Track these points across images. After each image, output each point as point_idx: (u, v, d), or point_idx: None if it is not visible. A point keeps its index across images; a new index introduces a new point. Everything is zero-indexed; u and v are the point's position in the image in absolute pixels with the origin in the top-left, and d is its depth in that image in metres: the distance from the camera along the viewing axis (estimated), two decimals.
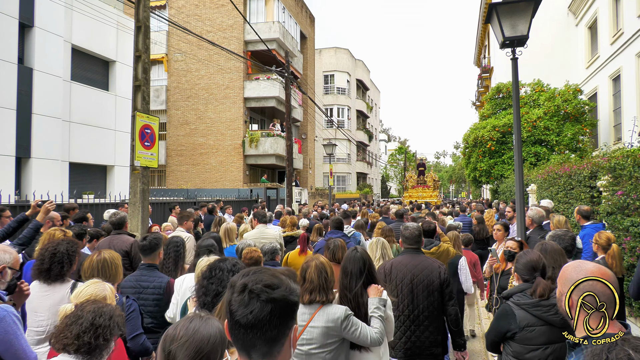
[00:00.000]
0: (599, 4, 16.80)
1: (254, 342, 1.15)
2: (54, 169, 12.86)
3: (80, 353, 1.80)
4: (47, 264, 2.96)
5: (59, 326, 1.89)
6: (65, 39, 13.37)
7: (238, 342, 1.17)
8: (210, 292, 2.31)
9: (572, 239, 3.54)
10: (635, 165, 5.11)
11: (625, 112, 14.25)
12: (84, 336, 1.81)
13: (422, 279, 3.45)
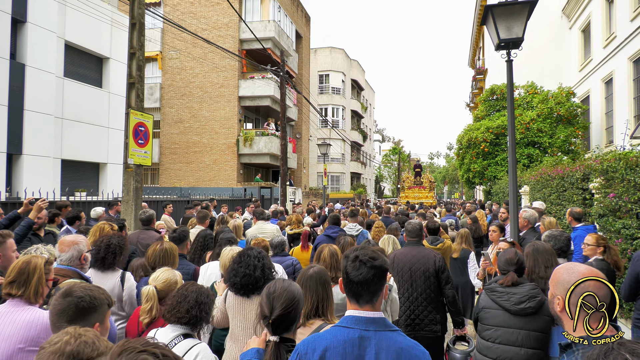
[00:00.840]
0: (593, 8, 16.93)
1: (361, 293, 1.76)
2: (46, 166, 12.75)
3: (189, 324, 2.28)
4: (102, 253, 3.37)
5: (171, 303, 2.34)
6: (59, 35, 13.26)
7: (350, 292, 1.80)
8: (239, 274, 2.75)
9: (567, 240, 3.60)
10: (627, 168, 5.15)
11: (617, 115, 14.38)
12: (192, 311, 2.28)
13: (419, 266, 4.03)
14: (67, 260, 3.02)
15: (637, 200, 4.92)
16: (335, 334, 1.74)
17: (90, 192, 11.29)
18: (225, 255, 3.44)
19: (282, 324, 1.97)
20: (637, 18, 12.63)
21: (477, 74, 30.50)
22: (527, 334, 2.72)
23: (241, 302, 2.73)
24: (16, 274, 2.34)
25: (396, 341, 1.70)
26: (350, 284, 1.78)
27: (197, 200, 13.23)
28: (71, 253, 3.04)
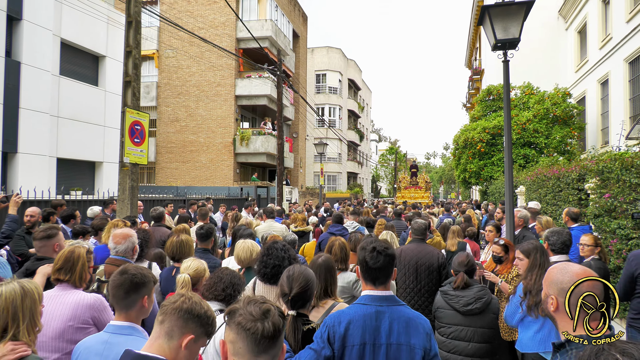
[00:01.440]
0: (589, 9, 17.00)
1: (378, 277, 2.19)
2: (41, 164, 12.68)
3: (224, 301, 2.71)
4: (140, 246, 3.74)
5: (209, 283, 2.80)
6: (55, 33, 13.18)
7: (368, 277, 2.21)
8: (269, 265, 3.05)
9: (569, 235, 3.62)
10: (622, 169, 5.18)
11: (613, 116, 14.44)
12: (227, 290, 2.72)
13: (425, 261, 4.50)
14: (122, 252, 3.39)
15: (632, 200, 4.95)
16: (357, 309, 2.16)
17: (85, 190, 11.23)
18: (239, 247, 3.78)
19: (299, 300, 2.34)
20: (632, 19, 12.69)
21: (474, 74, 30.57)
22: (474, 330, 3.20)
23: (269, 290, 3.05)
24: (63, 261, 2.69)
25: (405, 313, 2.16)
26: (369, 270, 2.19)
27: (193, 199, 13.19)
28: (126, 245, 3.41)
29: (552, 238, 3.59)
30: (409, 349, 2.09)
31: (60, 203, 6.58)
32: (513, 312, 3.35)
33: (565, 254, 3.58)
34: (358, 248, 2.34)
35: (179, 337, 1.61)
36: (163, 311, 1.65)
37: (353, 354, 2.08)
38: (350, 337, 2.10)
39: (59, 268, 2.68)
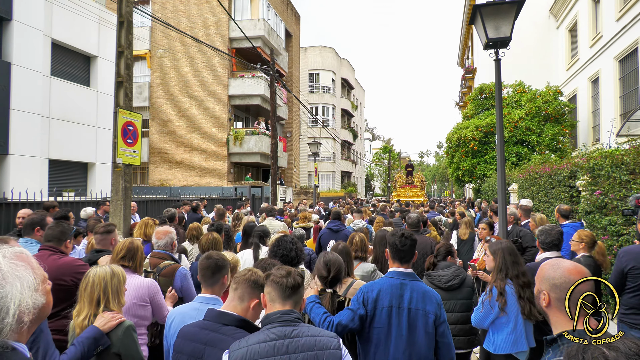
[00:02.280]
0: (579, 8, 17.14)
1: (404, 256, 2.75)
2: (33, 166, 12.57)
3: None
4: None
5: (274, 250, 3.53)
6: (45, 33, 13.07)
7: (397, 256, 2.77)
8: (277, 254, 3.48)
9: (559, 234, 3.68)
10: (612, 166, 5.23)
11: (604, 113, 14.58)
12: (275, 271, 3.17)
13: (419, 249, 4.89)
14: (163, 246, 3.93)
15: (622, 197, 5.00)
16: (386, 281, 2.75)
17: (78, 192, 11.15)
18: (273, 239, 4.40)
19: (334, 281, 2.99)
20: (622, 18, 12.81)
21: (466, 72, 30.72)
22: (455, 302, 3.81)
23: None
24: (125, 251, 3.18)
25: (422, 286, 2.74)
26: (397, 251, 2.77)
27: (186, 199, 13.15)
28: (166, 240, 3.96)
29: (541, 237, 3.71)
30: (424, 313, 2.66)
31: (52, 204, 6.53)
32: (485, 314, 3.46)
33: (555, 252, 3.62)
34: (388, 235, 2.94)
35: (248, 300, 2.17)
36: (236, 281, 2.20)
37: (383, 314, 2.64)
38: (380, 300, 2.67)
39: (123, 256, 3.17)
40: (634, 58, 12.44)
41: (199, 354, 2.08)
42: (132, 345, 2.51)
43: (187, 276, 3.71)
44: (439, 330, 2.69)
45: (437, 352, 2.71)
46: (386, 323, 2.63)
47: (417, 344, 2.62)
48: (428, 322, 2.64)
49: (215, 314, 2.14)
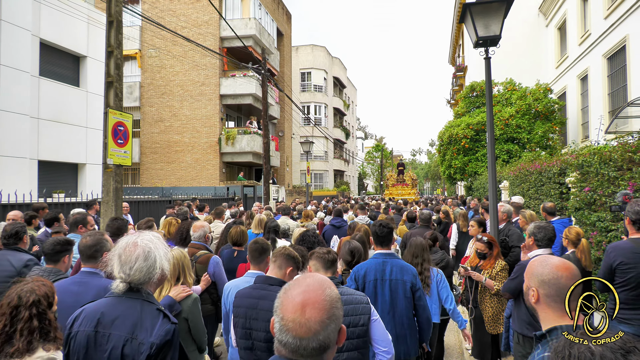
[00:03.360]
0: (568, 6, 17.29)
1: (383, 241, 3.62)
2: (22, 167, 12.44)
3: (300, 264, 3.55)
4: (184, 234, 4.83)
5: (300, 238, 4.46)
6: (33, 33, 12.92)
7: (378, 241, 3.63)
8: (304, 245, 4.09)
9: (553, 230, 3.75)
10: (601, 163, 5.29)
11: (592, 110, 14.73)
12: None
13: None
14: (197, 238, 4.67)
15: (610, 193, 5.06)
16: (371, 261, 3.57)
17: (68, 193, 11.05)
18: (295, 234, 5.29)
19: (356, 263, 3.73)
20: (610, 16, 12.95)
21: (457, 71, 30.88)
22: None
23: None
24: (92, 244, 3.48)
25: (400, 262, 3.56)
26: (379, 237, 3.64)
27: (179, 200, 13.09)
28: (200, 233, 4.67)
29: (539, 234, 3.68)
30: (403, 282, 3.44)
31: (42, 206, 6.48)
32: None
33: (547, 248, 3.65)
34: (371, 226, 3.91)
35: (284, 268, 2.90)
36: (275, 255, 2.96)
37: (370, 285, 3.45)
38: (367, 276, 3.47)
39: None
40: (622, 55, 12.58)
41: (254, 305, 2.75)
42: (197, 313, 3.20)
43: (219, 264, 4.40)
44: (415, 295, 3.45)
45: (416, 313, 3.49)
46: (372, 292, 3.43)
47: (398, 305, 3.43)
48: (406, 288, 3.43)
49: (264, 278, 2.93)
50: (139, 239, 2.12)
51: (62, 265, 3.30)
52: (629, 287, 3.41)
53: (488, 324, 4.47)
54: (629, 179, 4.70)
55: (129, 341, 1.97)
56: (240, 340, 2.75)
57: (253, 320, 2.70)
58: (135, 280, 2.05)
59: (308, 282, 1.30)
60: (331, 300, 1.25)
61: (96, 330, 2.01)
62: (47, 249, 3.27)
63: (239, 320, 2.77)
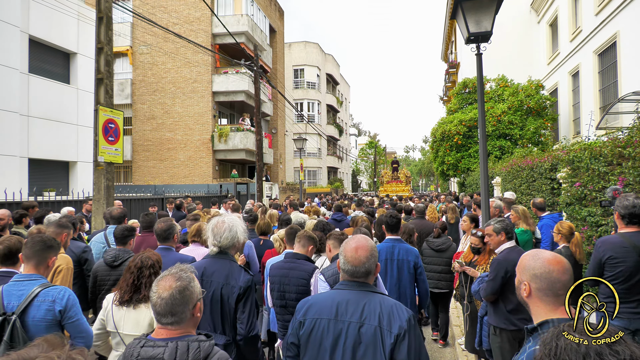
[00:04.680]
0: (559, 2, 17.38)
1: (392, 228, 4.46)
2: (12, 165, 12.31)
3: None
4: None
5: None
6: (22, 30, 12.76)
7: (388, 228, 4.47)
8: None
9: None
10: (591, 158, 5.33)
11: (584, 106, 14.84)
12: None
13: (425, 230, 7.04)
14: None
15: (601, 188, 5.10)
16: (383, 245, 4.33)
17: (59, 191, 10.96)
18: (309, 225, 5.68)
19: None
20: (601, 12, 13.03)
21: (450, 67, 30.95)
22: (440, 259, 5.79)
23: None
24: (196, 230, 4.46)
25: (405, 245, 4.33)
26: (389, 226, 4.41)
27: (171, 197, 13.03)
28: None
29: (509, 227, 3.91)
30: (407, 262, 4.23)
31: (31, 204, 6.41)
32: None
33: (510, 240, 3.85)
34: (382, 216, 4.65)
35: (307, 247, 3.77)
36: (299, 237, 3.83)
37: (382, 264, 4.10)
38: (379, 255, 3.66)
39: (194, 234, 4.48)
40: (613, 52, 12.68)
41: (285, 274, 3.68)
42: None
43: (252, 247, 5.09)
44: (417, 272, 4.26)
45: (417, 285, 4.29)
46: (383, 269, 4.25)
47: (402, 280, 4.22)
48: (410, 267, 4.24)
49: (292, 254, 3.83)
50: (225, 218, 3.11)
51: (128, 246, 4.14)
52: (617, 281, 3.44)
53: None
54: (618, 174, 4.73)
55: (224, 286, 2.85)
56: (277, 300, 3.75)
57: (286, 285, 3.68)
58: (224, 246, 3.03)
59: (358, 237, 2.24)
60: (371, 247, 2.18)
61: (202, 278, 2.85)
62: (117, 234, 4.11)
63: (275, 286, 3.74)
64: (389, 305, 2.04)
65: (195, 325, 1.93)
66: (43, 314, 2.57)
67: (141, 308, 2.76)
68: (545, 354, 1.19)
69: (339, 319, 2.03)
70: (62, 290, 2.69)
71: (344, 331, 2.01)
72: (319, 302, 2.15)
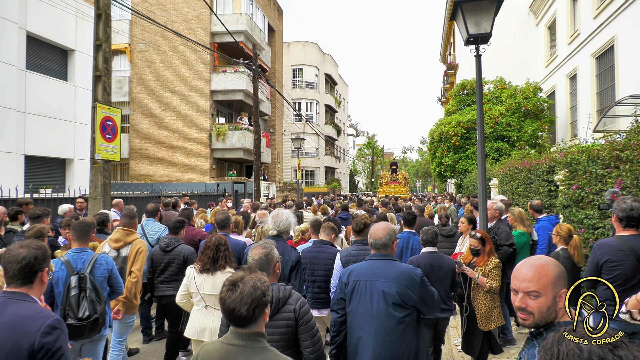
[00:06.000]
0: (558, 5, 17.42)
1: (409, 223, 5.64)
2: (8, 162, 12.25)
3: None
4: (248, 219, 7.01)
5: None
6: (20, 26, 12.70)
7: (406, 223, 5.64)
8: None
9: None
10: (589, 161, 5.34)
11: (581, 109, 14.88)
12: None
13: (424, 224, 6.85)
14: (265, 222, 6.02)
15: (598, 191, 5.11)
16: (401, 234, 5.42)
17: (56, 188, 10.92)
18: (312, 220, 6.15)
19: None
20: (599, 15, 13.07)
21: (448, 69, 30.99)
22: (450, 243, 6.38)
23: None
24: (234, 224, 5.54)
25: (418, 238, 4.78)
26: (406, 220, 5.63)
27: (168, 196, 12.99)
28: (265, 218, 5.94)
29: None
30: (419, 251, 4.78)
31: (26, 201, 6.38)
32: None
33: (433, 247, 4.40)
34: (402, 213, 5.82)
35: (329, 235, 4.85)
36: (323, 227, 4.90)
37: (398, 251, 4.81)
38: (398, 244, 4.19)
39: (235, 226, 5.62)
40: (610, 55, 12.71)
41: (315, 256, 4.59)
42: None
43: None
44: None
45: None
46: (399, 255, 4.97)
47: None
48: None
49: (319, 241, 4.77)
50: (281, 210, 4.33)
51: (180, 236, 5.07)
52: (615, 284, 3.44)
53: (480, 320, 4.49)
54: (616, 176, 4.74)
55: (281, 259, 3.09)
56: (308, 276, 4.53)
57: (315, 264, 4.58)
58: (281, 230, 4.16)
59: (383, 223, 3.20)
60: (388, 227, 3.14)
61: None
62: (171, 225, 5.08)
63: (306, 265, 4.56)
64: (405, 268, 3.04)
65: (277, 279, 2.88)
66: (102, 272, 3.78)
67: (217, 274, 3.74)
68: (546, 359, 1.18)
69: (373, 279, 2.96)
70: (107, 256, 3.92)
71: (375, 287, 2.94)
72: (357, 269, 3.10)
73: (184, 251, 4.89)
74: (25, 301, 2.20)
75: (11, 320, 2.06)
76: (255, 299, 1.87)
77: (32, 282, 2.25)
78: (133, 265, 4.51)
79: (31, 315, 2.11)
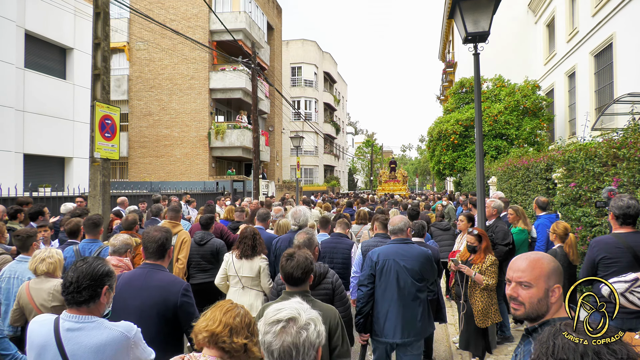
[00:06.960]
0: (557, 3, 17.42)
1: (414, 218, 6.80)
2: (7, 161, 12.24)
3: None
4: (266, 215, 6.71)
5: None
6: (18, 24, 12.68)
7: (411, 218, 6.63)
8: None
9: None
10: (586, 159, 5.36)
11: (579, 107, 14.90)
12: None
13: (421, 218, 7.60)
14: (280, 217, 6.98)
15: (595, 189, 5.13)
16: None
17: (55, 187, 10.92)
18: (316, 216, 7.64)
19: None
20: (598, 13, 13.08)
21: (447, 67, 30.98)
22: (447, 235, 7.22)
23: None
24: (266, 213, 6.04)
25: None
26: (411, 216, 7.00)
27: (167, 194, 13.00)
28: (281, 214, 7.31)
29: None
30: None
31: (26, 200, 6.39)
32: None
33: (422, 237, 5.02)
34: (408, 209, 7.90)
35: (345, 229, 5.36)
36: (339, 222, 5.38)
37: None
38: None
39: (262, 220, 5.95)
40: (609, 53, 12.73)
41: (333, 247, 5.07)
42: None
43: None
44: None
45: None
46: None
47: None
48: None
49: (336, 234, 5.26)
50: (299, 207, 5.44)
51: (211, 230, 5.76)
52: None
53: (477, 317, 4.51)
54: (613, 174, 4.76)
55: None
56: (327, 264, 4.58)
57: (334, 254, 5.06)
58: (300, 224, 5.21)
59: (400, 215, 4.23)
60: (405, 218, 3.98)
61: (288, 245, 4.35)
62: (202, 221, 5.74)
63: (326, 255, 5.01)
64: (421, 249, 3.86)
65: (316, 259, 3.58)
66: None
67: (255, 259, 4.38)
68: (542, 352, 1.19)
69: (397, 258, 3.71)
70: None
71: (400, 265, 3.68)
72: (384, 250, 3.82)
73: (216, 244, 5.57)
74: (163, 271, 2.93)
75: (159, 284, 2.79)
76: (307, 266, 2.63)
77: (163, 256, 2.97)
78: (179, 254, 5.25)
79: (171, 281, 2.86)
